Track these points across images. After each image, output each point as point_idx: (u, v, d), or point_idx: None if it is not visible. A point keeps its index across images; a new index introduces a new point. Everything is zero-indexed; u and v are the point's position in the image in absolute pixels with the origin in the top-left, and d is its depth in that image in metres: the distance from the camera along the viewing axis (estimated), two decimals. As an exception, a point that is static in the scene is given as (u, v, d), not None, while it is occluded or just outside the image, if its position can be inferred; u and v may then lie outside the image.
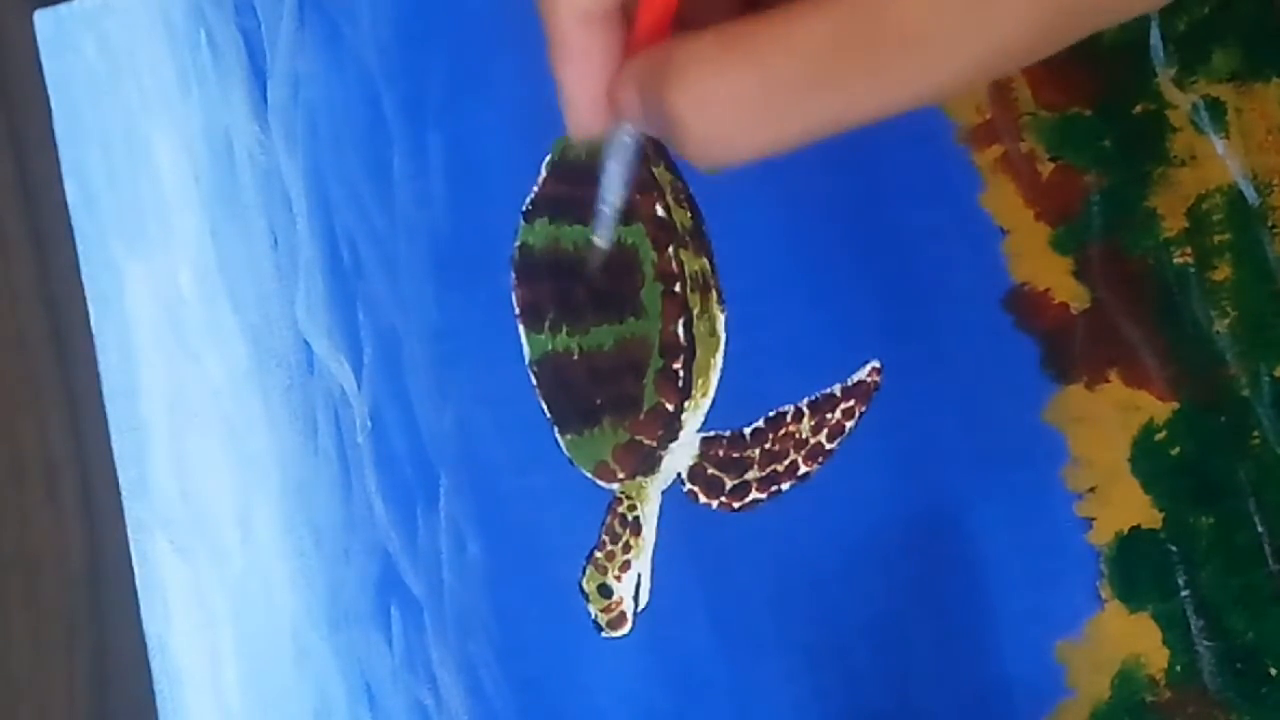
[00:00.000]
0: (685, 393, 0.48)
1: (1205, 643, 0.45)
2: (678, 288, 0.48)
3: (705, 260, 0.48)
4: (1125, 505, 0.46)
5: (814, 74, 0.33)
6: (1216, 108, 0.46)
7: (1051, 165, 0.47)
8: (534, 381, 0.49)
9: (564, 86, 0.37)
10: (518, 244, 0.49)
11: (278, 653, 0.50)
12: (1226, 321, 0.46)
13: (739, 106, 0.34)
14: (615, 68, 0.36)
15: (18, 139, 0.53)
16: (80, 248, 0.52)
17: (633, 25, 0.36)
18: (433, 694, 0.49)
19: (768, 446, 0.48)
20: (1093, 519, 0.46)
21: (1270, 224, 0.46)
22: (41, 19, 0.53)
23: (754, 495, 0.48)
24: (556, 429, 0.49)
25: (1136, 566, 0.46)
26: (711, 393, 0.48)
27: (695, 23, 0.35)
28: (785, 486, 0.47)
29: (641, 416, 0.48)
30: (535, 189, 0.49)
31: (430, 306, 0.50)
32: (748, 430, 0.48)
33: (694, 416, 0.48)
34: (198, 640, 0.50)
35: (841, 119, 0.34)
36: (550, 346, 0.49)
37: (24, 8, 0.53)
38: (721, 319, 0.48)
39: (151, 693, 0.50)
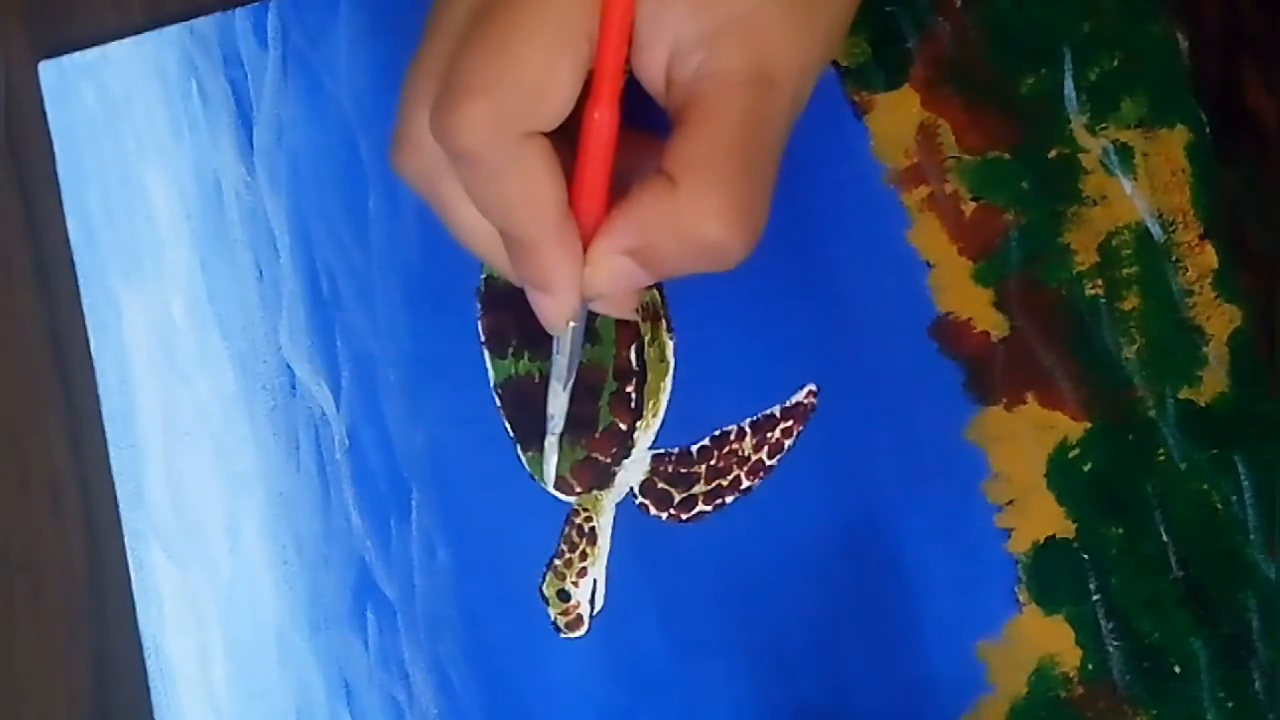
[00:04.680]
0: (637, 413, 0.47)
1: (1115, 643, 0.44)
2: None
3: (656, 292, 0.47)
4: (1041, 517, 0.45)
5: (770, 133, 0.34)
6: (1125, 152, 0.45)
7: (973, 204, 0.46)
8: (498, 403, 0.48)
9: (557, 280, 0.35)
10: (483, 277, 0.48)
11: (263, 653, 0.49)
12: (1134, 348, 0.45)
13: (756, 197, 0.34)
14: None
15: (24, 180, 0.52)
16: (81, 280, 0.51)
17: (574, 207, 0.35)
18: (405, 690, 0.48)
19: (713, 463, 0.46)
20: (1011, 529, 0.45)
21: (1174, 258, 0.45)
22: (45, 69, 0.51)
23: (700, 508, 0.46)
24: (519, 446, 0.48)
25: (1052, 573, 0.45)
26: (661, 413, 0.47)
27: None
28: (729, 500, 0.46)
29: (597, 435, 0.47)
30: (499, 226, 0.48)
31: (403, 334, 0.49)
32: (695, 448, 0.47)
33: (645, 435, 0.47)
34: (189, 641, 0.49)
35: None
36: (513, 371, 0.48)
37: (29, 59, 0.52)
38: (671, 345, 0.47)
39: (147, 690, 0.49)
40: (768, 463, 0.46)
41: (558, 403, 0.41)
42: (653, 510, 0.47)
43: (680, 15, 0.34)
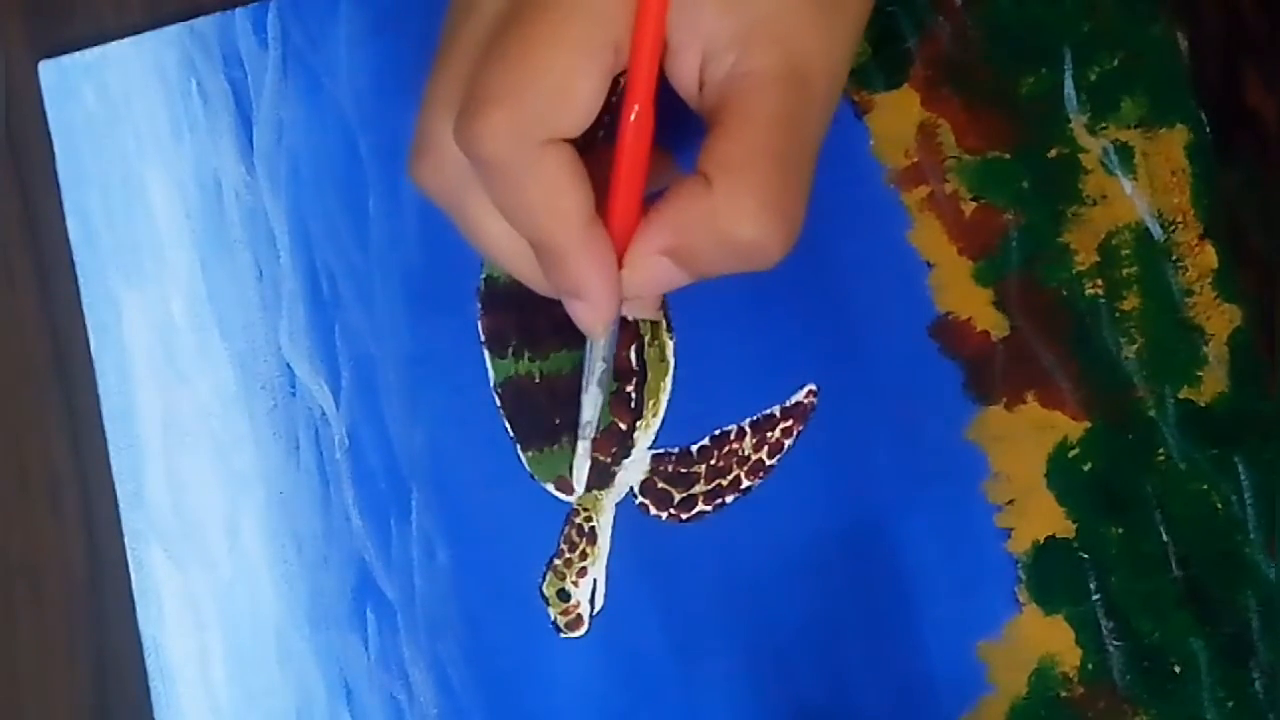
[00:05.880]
0: (637, 413, 0.46)
1: (1115, 643, 0.44)
2: (630, 317, 0.46)
3: (656, 292, 0.47)
4: (1041, 516, 0.45)
5: (805, 130, 0.34)
6: (1125, 151, 0.45)
7: (973, 204, 0.46)
8: (498, 403, 0.47)
9: (590, 286, 0.35)
10: (483, 276, 0.48)
11: (263, 652, 0.48)
12: (1134, 347, 0.45)
13: (792, 195, 0.34)
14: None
15: (23, 180, 0.51)
16: (81, 280, 0.50)
17: (610, 210, 0.35)
18: (405, 690, 0.47)
19: (713, 463, 0.46)
20: (1011, 529, 0.45)
21: (1174, 258, 0.45)
22: (45, 69, 0.51)
23: (700, 507, 0.46)
24: (519, 446, 0.47)
25: (1051, 573, 0.44)
26: (661, 413, 0.47)
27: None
28: (729, 499, 0.46)
29: (597, 435, 0.46)
30: (500, 225, 0.48)
31: (403, 334, 0.48)
32: (695, 448, 0.46)
33: (645, 435, 0.47)
34: (189, 641, 0.48)
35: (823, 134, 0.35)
36: (513, 371, 0.47)
37: (30, 58, 0.51)
38: (671, 345, 0.47)
39: (147, 690, 0.48)
40: (768, 463, 0.46)
41: (594, 407, 0.40)
42: (653, 510, 0.46)
43: (711, 17, 0.33)
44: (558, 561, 0.47)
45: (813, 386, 0.46)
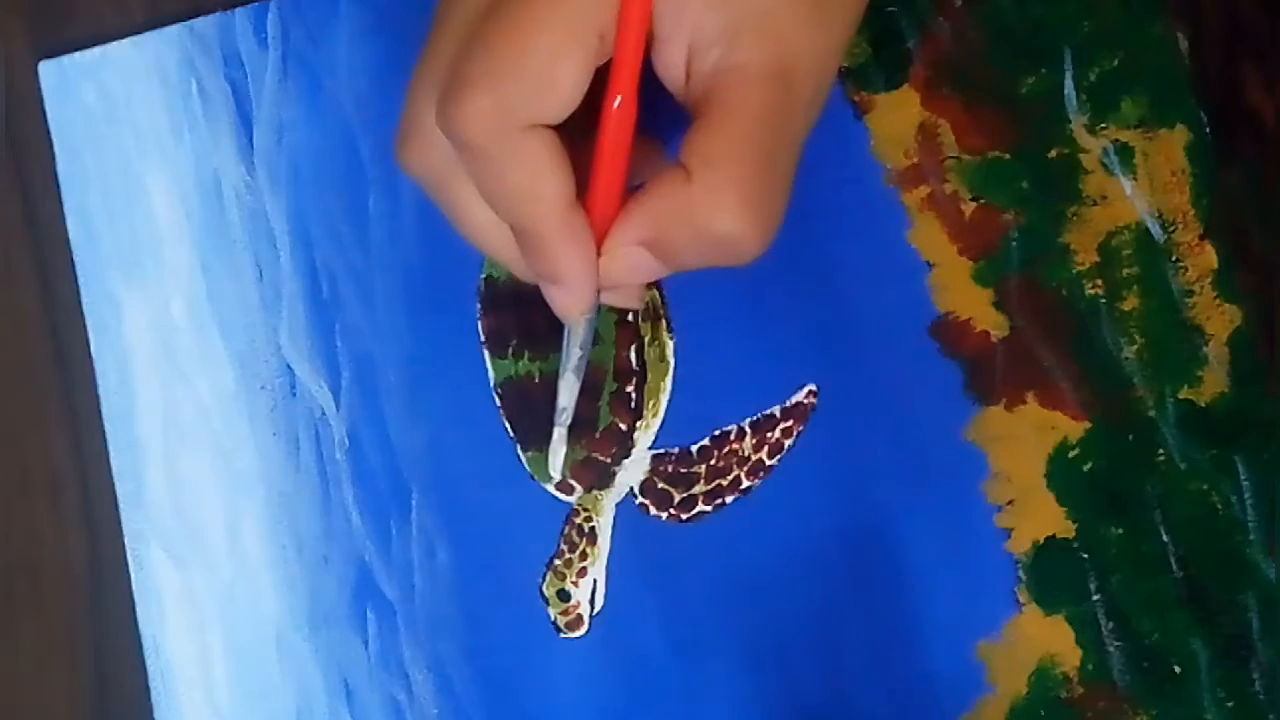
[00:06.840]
0: (637, 413, 0.46)
1: (1115, 643, 0.44)
2: (630, 317, 0.46)
3: (656, 292, 0.46)
4: (1041, 517, 0.44)
5: (789, 128, 0.34)
6: (1125, 152, 0.45)
7: (974, 205, 0.45)
8: (498, 403, 0.47)
9: (568, 273, 0.35)
10: (483, 276, 0.47)
11: (263, 653, 0.48)
12: (1134, 348, 0.44)
13: (772, 193, 0.34)
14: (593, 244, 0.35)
15: (24, 180, 0.51)
16: (81, 280, 0.50)
17: (590, 198, 0.35)
18: (405, 690, 0.47)
19: (713, 463, 0.46)
20: (1011, 529, 0.44)
21: (1174, 258, 0.44)
22: (46, 69, 0.51)
23: (700, 508, 0.46)
24: (519, 447, 0.47)
25: (1052, 573, 0.44)
26: (662, 413, 0.46)
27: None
28: (729, 500, 0.46)
29: (597, 435, 0.46)
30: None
31: (403, 334, 0.48)
32: (695, 448, 0.46)
33: (645, 435, 0.46)
34: (190, 641, 0.48)
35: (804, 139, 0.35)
36: (513, 371, 0.47)
37: (30, 58, 0.51)
38: (671, 345, 0.46)
39: (147, 690, 0.48)
40: (768, 463, 0.46)
41: (569, 394, 0.40)
42: (653, 510, 0.46)
43: (700, 9, 0.33)
44: (558, 562, 0.46)
45: (813, 386, 0.46)
